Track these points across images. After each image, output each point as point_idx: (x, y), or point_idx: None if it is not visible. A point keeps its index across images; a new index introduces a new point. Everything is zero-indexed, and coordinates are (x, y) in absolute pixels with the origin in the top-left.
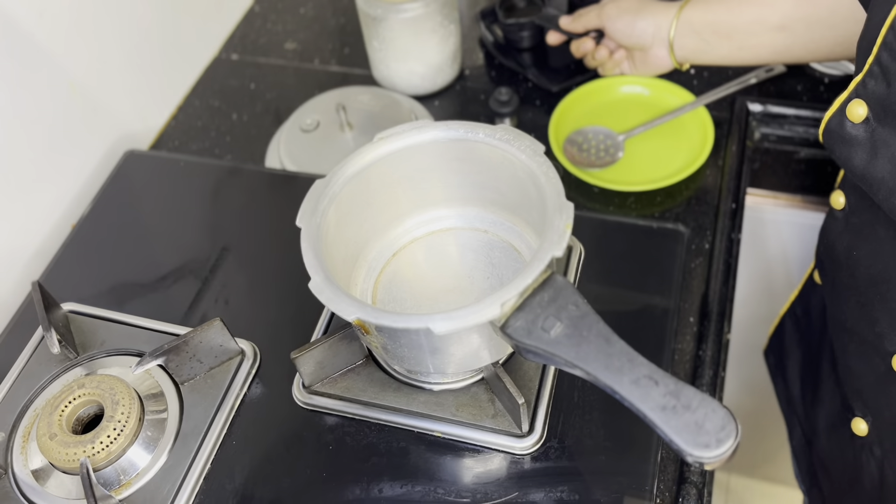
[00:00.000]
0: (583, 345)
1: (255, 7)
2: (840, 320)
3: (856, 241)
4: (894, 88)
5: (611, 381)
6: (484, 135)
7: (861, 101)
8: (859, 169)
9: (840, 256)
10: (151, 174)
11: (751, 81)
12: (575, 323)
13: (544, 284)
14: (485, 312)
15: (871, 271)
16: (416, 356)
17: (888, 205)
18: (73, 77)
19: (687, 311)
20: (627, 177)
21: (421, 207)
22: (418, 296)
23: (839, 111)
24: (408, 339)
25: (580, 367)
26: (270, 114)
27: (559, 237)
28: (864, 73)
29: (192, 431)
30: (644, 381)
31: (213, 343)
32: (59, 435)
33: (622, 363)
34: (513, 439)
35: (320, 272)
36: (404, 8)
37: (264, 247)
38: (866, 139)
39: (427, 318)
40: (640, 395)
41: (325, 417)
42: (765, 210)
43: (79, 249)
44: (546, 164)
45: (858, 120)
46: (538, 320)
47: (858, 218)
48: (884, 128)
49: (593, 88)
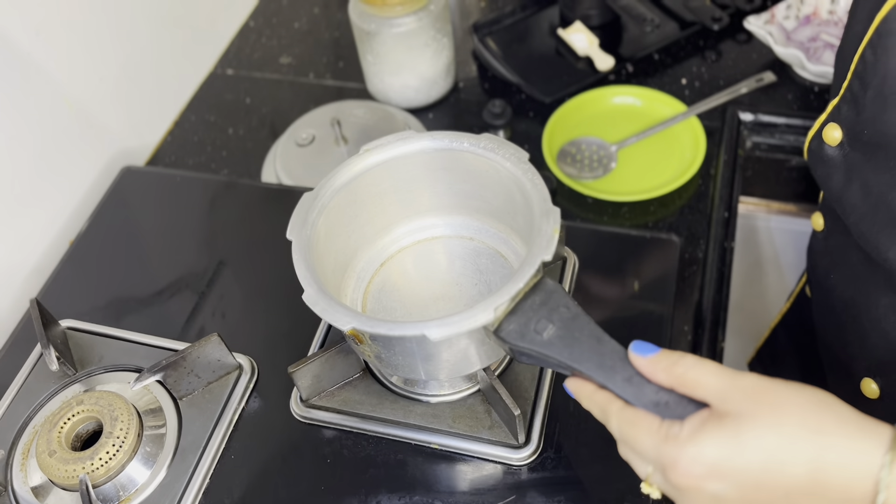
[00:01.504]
0: (575, 345)
1: (250, 22)
2: (822, 337)
3: (832, 263)
4: (863, 117)
5: (604, 380)
6: (468, 144)
7: (836, 125)
8: (836, 192)
9: (821, 277)
10: (148, 190)
11: (741, 91)
12: (567, 324)
13: (535, 288)
14: (478, 318)
15: (844, 295)
16: (409, 363)
17: (857, 230)
18: (69, 94)
19: (681, 319)
20: (621, 187)
21: (408, 217)
22: (408, 304)
23: (818, 133)
24: (402, 347)
25: (573, 367)
26: (266, 128)
27: (547, 242)
28: (839, 98)
29: (191, 446)
30: (636, 378)
31: (211, 358)
32: (58, 452)
33: (614, 362)
34: (509, 450)
35: (313, 284)
36: (398, 22)
37: (260, 261)
38: (841, 162)
39: (422, 326)
40: (633, 393)
41: (322, 431)
42: (757, 217)
43: (76, 266)
44: (531, 170)
45: (834, 143)
46: (530, 323)
47: (835, 240)
48: (856, 153)
49: (586, 99)
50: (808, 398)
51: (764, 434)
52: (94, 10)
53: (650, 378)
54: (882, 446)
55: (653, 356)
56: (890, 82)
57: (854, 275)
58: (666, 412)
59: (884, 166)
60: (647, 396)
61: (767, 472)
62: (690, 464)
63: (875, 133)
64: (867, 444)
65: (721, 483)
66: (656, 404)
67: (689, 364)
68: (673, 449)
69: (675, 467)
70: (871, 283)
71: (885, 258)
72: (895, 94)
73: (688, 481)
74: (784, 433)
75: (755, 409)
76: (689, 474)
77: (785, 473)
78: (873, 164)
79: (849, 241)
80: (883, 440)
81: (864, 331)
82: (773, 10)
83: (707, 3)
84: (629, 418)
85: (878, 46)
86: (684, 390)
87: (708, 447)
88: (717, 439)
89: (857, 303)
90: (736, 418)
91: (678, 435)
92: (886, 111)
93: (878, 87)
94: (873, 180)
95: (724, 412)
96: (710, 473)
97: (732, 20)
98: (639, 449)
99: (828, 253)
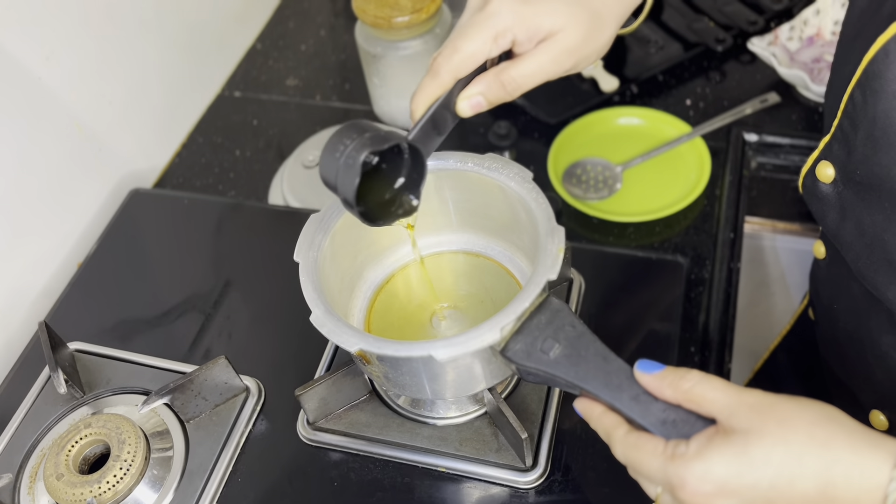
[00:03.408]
0: (581, 364)
1: (257, 45)
2: (828, 365)
3: (836, 293)
4: (854, 157)
5: (611, 399)
6: (473, 164)
7: (829, 163)
8: (832, 228)
9: (825, 305)
10: (156, 212)
11: (746, 112)
12: (573, 343)
13: (541, 307)
14: (485, 337)
15: (848, 327)
16: (416, 383)
17: (855, 267)
18: (78, 118)
19: (688, 340)
20: (626, 208)
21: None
22: (413, 322)
23: (811, 170)
24: (409, 367)
25: (580, 385)
26: (273, 149)
27: (553, 261)
28: (830, 136)
29: (198, 469)
30: (643, 396)
31: (218, 381)
32: (65, 475)
33: (621, 380)
34: (517, 473)
35: (321, 305)
36: (403, 45)
37: (267, 282)
38: (835, 200)
39: (429, 346)
40: (640, 411)
41: (329, 453)
42: (763, 237)
43: (84, 288)
44: (535, 189)
45: (828, 181)
46: (537, 342)
47: (837, 270)
48: (849, 192)
49: (591, 121)
50: (815, 412)
51: (772, 449)
52: (104, 35)
53: (657, 395)
54: (890, 460)
55: (658, 373)
56: (880, 124)
57: (857, 308)
58: (673, 430)
59: (877, 207)
60: (655, 415)
61: (776, 489)
62: (699, 482)
63: (867, 174)
64: (876, 457)
65: (730, 500)
66: (663, 422)
67: (696, 380)
68: (680, 468)
69: (684, 486)
70: (874, 320)
71: (885, 297)
72: (886, 136)
73: (697, 499)
74: (792, 448)
75: (762, 425)
76: (698, 492)
77: (794, 489)
78: (867, 204)
79: (850, 273)
80: (891, 454)
81: (869, 366)
82: (776, 31)
83: (710, 25)
84: (633, 443)
85: (867, 88)
86: (691, 406)
87: (716, 464)
88: (724, 456)
89: (861, 337)
90: (743, 434)
91: (685, 453)
92: (877, 153)
93: (868, 130)
94: (867, 220)
95: (731, 428)
96: (720, 491)
97: (736, 41)
98: (645, 472)
99: (831, 281)
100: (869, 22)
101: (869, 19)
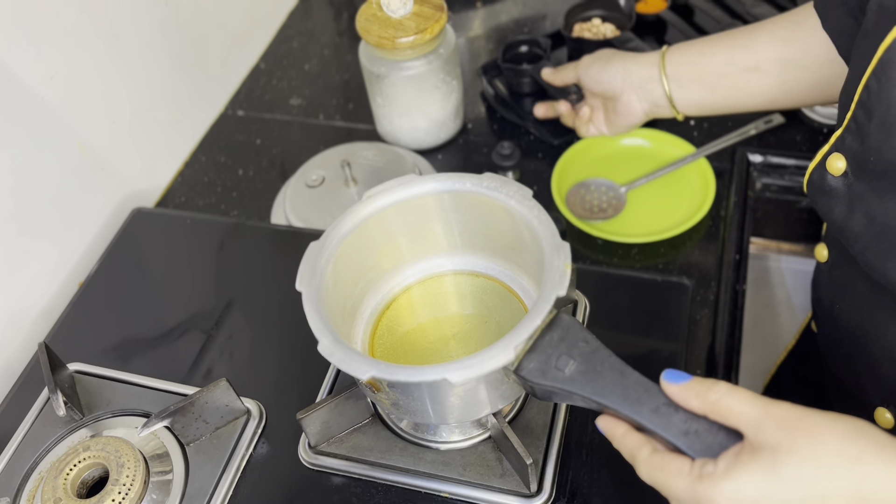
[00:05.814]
0: (598, 379)
1: (261, 64)
2: (830, 370)
3: (838, 293)
4: (868, 145)
5: (631, 412)
6: (471, 184)
7: (840, 155)
8: (839, 221)
9: (826, 308)
10: (158, 232)
11: (750, 133)
12: (587, 359)
13: (552, 324)
14: (499, 358)
15: (851, 324)
16: (424, 409)
17: (863, 258)
18: (81, 137)
19: (694, 362)
20: (630, 228)
21: (414, 258)
22: (418, 346)
23: (820, 164)
24: (421, 393)
25: (598, 401)
26: (276, 169)
27: (560, 276)
28: (843, 129)
29: (198, 493)
30: (663, 408)
31: (219, 403)
32: (63, 499)
33: (639, 394)
34: (521, 499)
35: (328, 334)
36: (407, 66)
37: (270, 303)
38: (845, 192)
39: (442, 369)
40: (661, 423)
41: (331, 478)
42: (769, 257)
43: (85, 308)
44: (536, 207)
45: (838, 173)
46: (551, 360)
47: (840, 271)
48: (860, 182)
49: (594, 141)
50: (845, 426)
51: (802, 466)
52: (107, 54)
53: (683, 405)
54: None
55: (686, 383)
56: (894, 110)
57: (861, 304)
58: (696, 440)
59: (889, 194)
60: (676, 426)
61: None
62: (728, 502)
63: (880, 161)
64: None
65: None
66: (686, 433)
67: (723, 391)
68: (709, 488)
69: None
70: (880, 311)
71: (894, 284)
72: None
73: None
74: (822, 465)
75: (791, 441)
76: None
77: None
78: (878, 193)
79: (855, 272)
80: None
81: (874, 360)
82: None
83: None
84: (657, 463)
85: (882, 76)
86: (717, 417)
87: (745, 483)
88: (753, 474)
89: (866, 332)
90: (772, 451)
91: (713, 473)
92: (891, 138)
93: (883, 116)
94: (878, 208)
95: (758, 444)
96: None
97: None
98: (672, 493)
99: (833, 284)
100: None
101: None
